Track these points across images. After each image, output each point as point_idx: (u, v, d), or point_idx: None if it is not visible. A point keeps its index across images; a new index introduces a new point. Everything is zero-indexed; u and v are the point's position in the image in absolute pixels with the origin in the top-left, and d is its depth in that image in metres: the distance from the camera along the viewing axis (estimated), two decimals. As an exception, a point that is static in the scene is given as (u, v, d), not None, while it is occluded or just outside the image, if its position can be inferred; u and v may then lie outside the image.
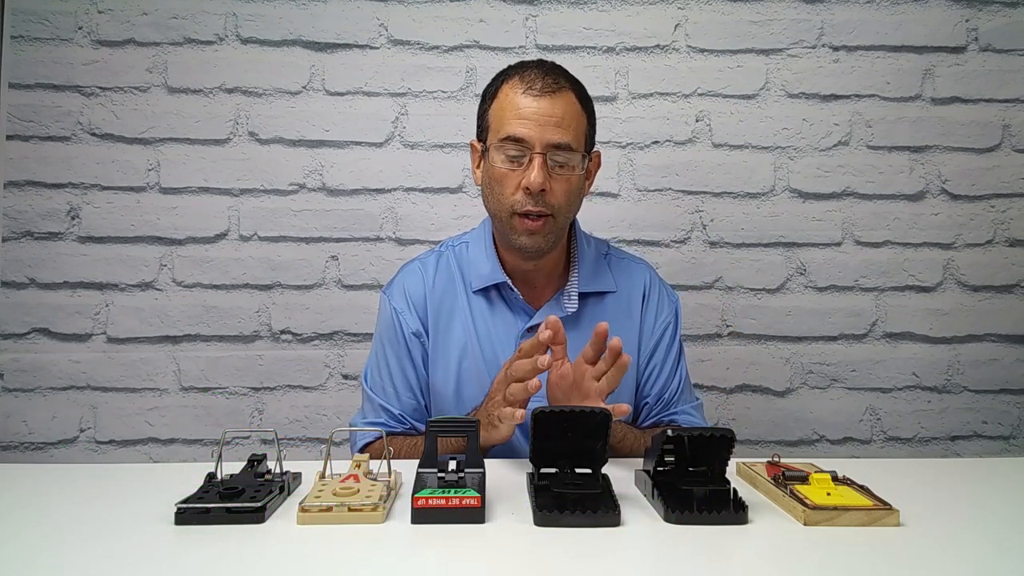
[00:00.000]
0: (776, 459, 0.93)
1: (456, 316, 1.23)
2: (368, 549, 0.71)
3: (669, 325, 1.28)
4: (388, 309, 1.25)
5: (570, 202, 1.16)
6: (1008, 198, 1.75)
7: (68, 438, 1.67)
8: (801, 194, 1.74)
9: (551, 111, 1.11)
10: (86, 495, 0.87)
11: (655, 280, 1.31)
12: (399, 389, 1.22)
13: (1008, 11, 1.74)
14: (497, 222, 1.18)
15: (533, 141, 1.10)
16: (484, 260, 1.23)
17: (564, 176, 1.13)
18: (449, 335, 1.22)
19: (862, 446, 1.76)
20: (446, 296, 1.24)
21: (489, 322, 1.22)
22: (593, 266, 1.25)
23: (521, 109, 1.11)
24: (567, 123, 1.12)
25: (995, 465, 1.13)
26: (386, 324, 1.25)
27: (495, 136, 1.14)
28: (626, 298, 1.26)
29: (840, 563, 0.69)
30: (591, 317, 1.21)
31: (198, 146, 1.68)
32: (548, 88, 1.12)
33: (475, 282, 1.23)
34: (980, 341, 1.76)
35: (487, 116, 1.17)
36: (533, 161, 1.10)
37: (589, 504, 0.78)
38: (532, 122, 1.10)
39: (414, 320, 1.22)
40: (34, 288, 1.66)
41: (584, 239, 1.28)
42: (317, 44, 1.69)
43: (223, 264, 1.69)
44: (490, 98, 1.18)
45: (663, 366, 1.26)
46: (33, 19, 1.65)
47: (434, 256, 1.29)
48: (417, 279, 1.25)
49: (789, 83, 1.74)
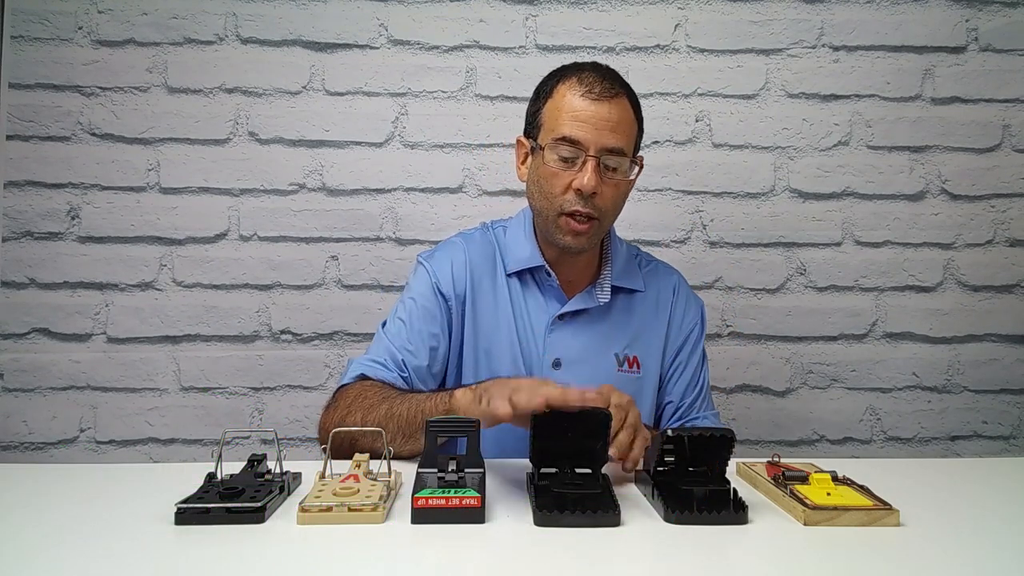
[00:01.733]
0: (776, 459, 0.94)
1: (492, 294, 1.25)
2: (368, 549, 0.71)
3: (696, 326, 1.31)
4: (426, 272, 1.25)
5: (616, 206, 1.19)
6: (1008, 198, 1.75)
7: (68, 438, 1.67)
8: (801, 194, 1.74)
9: (608, 116, 1.12)
10: (86, 495, 0.87)
11: (683, 285, 1.34)
12: (412, 343, 1.21)
13: (1008, 11, 1.74)
14: (541, 219, 1.20)
15: (588, 144, 1.11)
16: (524, 244, 1.25)
17: (614, 181, 1.14)
18: (484, 309, 1.24)
19: (862, 446, 1.76)
20: (485, 273, 1.26)
21: (522, 304, 1.24)
22: (625, 264, 1.29)
23: (578, 112, 1.12)
24: (622, 129, 1.13)
25: (995, 465, 1.13)
26: (419, 282, 1.25)
27: (549, 135, 1.15)
28: (654, 300, 1.29)
29: (840, 563, 0.69)
30: (621, 310, 1.26)
31: (198, 146, 1.68)
32: (606, 93, 1.13)
33: (512, 264, 1.25)
34: (980, 341, 1.76)
35: (540, 114, 1.18)
36: (587, 164, 1.11)
37: (589, 504, 0.78)
38: (589, 125, 1.11)
39: (449, 284, 1.23)
40: (34, 288, 1.66)
41: (617, 240, 1.31)
42: (317, 44, 1.69)
43: (223, 264, 1.69)
44: (544, 96, 1.18)
45: (687, 365, 1.29)
46: (33, 19, 1.65)
47: (478, 232, 1.32)
48: (460, 250, 1.27)
49: (789, 83, 1.74)
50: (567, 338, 1.22)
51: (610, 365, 1.23)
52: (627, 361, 1.24)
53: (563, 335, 1.22)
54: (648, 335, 1.26)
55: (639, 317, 1.26)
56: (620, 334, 1.24)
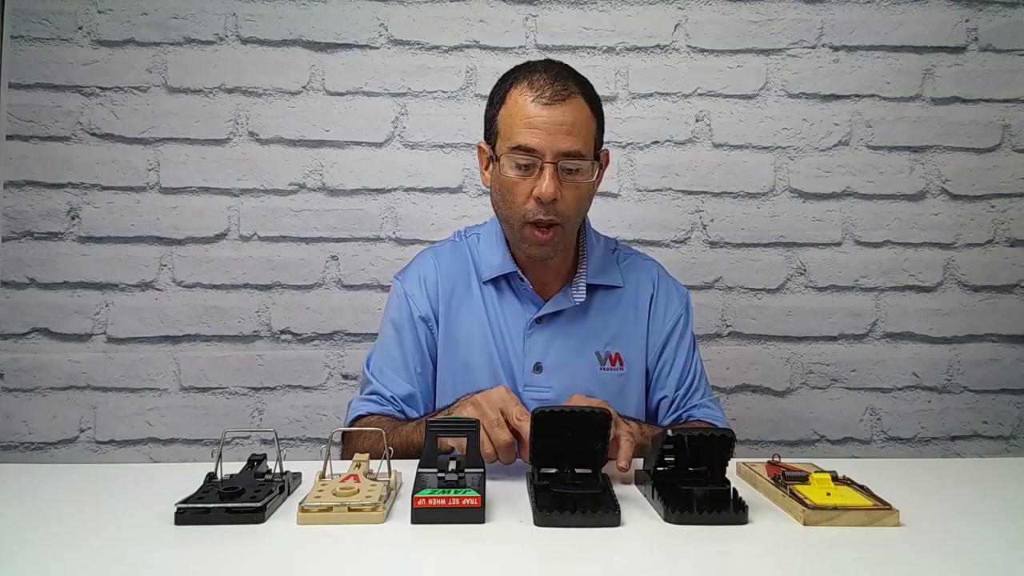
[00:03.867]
0: (776, 459, 0.93)
1: (467, 305, 1.24)
2: (368, 549, 0.71)
3: (680, 317, 1.29)
4: (399, 292, 1.27)
5: (580, 209, 1.17)
6: (1008, 198, 1.75)
7: (68, 438, 1.67)
8: (801, 194, 1.74)
9: (561, 119, 1.10)
10: (86, 495, 0.87)
11: (664, 276, 1.32)
12: (395, 372, 1.22)
13: (1008, 11, 1.74)
14: (507, 227, 1.20)
15: (543, 151, 1.10)
16: (495, 251, 1.25)
17: (575, 183, 1.13)
18: (460, 323, 1.24)
19: (862, 446, 1.76)
20: (459, 284, 1.25)
21: (499, 311, 1.24)
22: (601, 260, 1.27)
23: (531, 118, 1.10)
24: (577, 130, 1.11)
25: (995, 465, 1.13)
26: (395, 307, 1.27)
27: (504, 144, 1.13)
28: (633, 294, 1.27)
29: (840, 563, 0.69)
30: (599, 308, 1.24)
31: (198, 146, 1.68)
32: (558, 96, 1.10)
33: (486, 272, 1.24)
34: (980, 341, 1.76)
35: (496, 121, 1.16)
36: (544, 171, 1.10)
37: (589, 504, 0.78)
38: (542, 131, 1.09)
39: (424, 305, 1.24)
40: (34, 288, 1.66)
41: (593, 235, 1.29)
42: (317, 44, 1.69)
43: (223, 264, 1.69)
44: (498, 102, 1.16)
45: (675, 358, 1.27)
46: (33, 19, 1.65)
47: (448, 245, 1.31)
48: (431, 266, 1.27)
49: (789, 83, 1.74)
50: (546, 341, 1.22)
51: (592, 364, 1.22)
52: (609, 359, 1.23)
53: (542, 338, 1.22)
54: (629, 331, 1.25)
55: (619, 313, 1.25)
56: (600, 332, 1.23)
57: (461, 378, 1.21)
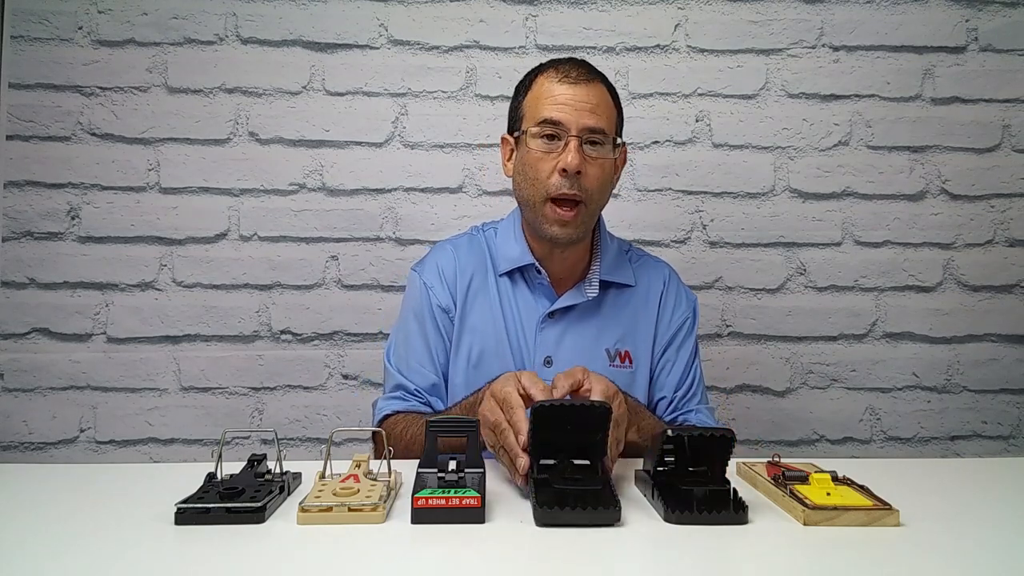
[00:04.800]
0: (776, 459, 0.93)
1: (482, 297, 1.26)
2: (368, 549, 0.71)
3: (687, 320, 1.31)
4: (418, 283, 1.28)
5: (602, 188, 1.19)
6: (1008, 198, 1.75)
7: (68, 438, 1.67)
8: (801, 194, 1.74)
9: (586, 97, 1.15)
10: (86, 495, 0.87)
11: (674, 278, 1.34)
12: (420, 363, 1.24)
13: (1008, 11, 1.74)
14: (529, 210, 1.20)
15: (569, 124, 1.14)
16: (513, 244, 1.26)
17: (598, 161, 1.16)
18: (474, 314, 1.25)
19: (862, 446, 1.76)
20: (475, 277, 1.27)
21: (513, 305, 1.25)
22: (615, 259, 1.29)
23: (557, 96, 1.15)
24: (601, 110, 1.16)
25: (995, 465, 1.13)
26: (414, 297, 1.28)
27: (531, 121, 1.17)
28: (644, 292, 1.29)
29: (840, 563, 0.69)
30: (611, 305, 1.26)
31: (198, 146, 1.68)
32: (583, 77, 1.16)
33: (503, 264, 1.26)
34: (980, 341, 1.76)
35: (521, 107, 1.21)
36: (569, 143, 1.13)
37: (590, 500, 0.78)
38: (568, 107, 1.14)
39: (444, 295, 1.25)
40: (34, 288, 1.66)
41: (607, 235, 1.31)
42: (317, 44, 1.69)
43: (223, 264, 1.69)
44: (524, 91, 1.22)
45: (677, 359, 1.28)
46: (33, 19, 1.65)
47: (465, 238, 1.33)
48: (449, 258, 1.29)
49: (789, 83, 1.74)
50: (557, 336, 1.23)
51: (602, 360, 1.23)
52: (619, 356, 1.24)
53: (553, 333, 1.23)
54: (639, 329, 1.27)
55: (630, 311, 1.27)
56: (611, 329, 1.25)
57: (472, 370, 1.23)
